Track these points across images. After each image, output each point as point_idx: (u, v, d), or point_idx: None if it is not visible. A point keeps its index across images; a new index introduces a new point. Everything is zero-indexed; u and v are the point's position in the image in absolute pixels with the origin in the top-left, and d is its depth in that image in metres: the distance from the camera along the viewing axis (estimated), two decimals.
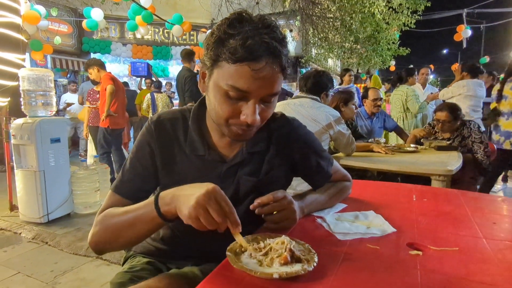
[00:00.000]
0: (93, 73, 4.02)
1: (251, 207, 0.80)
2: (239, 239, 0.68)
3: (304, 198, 0.95)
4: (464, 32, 9.19)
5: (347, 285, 0.60)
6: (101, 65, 4.04)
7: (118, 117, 4.06)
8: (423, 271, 0.64)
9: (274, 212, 0.82)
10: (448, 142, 2.84)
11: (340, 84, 5.04)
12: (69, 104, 6.18)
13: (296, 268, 0.61)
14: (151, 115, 0.94)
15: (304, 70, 10.49)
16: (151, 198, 0.73)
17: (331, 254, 0.72)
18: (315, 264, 0.63)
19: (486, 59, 13.03)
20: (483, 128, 3.49)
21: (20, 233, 2.84)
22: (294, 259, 0.64)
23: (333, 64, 15.15)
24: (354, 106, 2.83)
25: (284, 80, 0.78)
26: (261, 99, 0.74)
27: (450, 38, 9.80)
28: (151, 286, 0.75)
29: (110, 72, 4.16)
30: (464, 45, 9.87)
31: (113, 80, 3.97)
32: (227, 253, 0.67)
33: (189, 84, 4.15)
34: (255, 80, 0.69)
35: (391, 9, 8.48)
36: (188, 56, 4.40)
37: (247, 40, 0.67)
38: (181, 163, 0.86)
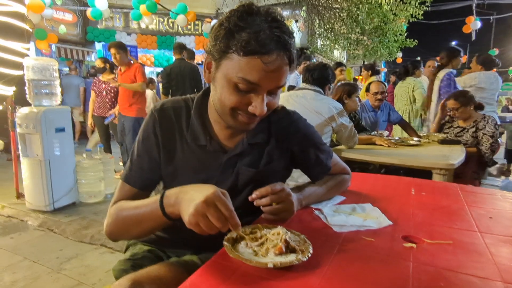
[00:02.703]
0: (119, 56, 3.74)
1: (249, 198, 0.82)
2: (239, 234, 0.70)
3: (303, 190, 0.96)
4: (474, 23, 9.00)
5: (340, 276, 0.61)
6: (127, 53, 3.92)
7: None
8: (415, 263, 0.66)
9: (273, 204, 0.83)
10: (458, 132, 2.87)
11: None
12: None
13: (291, 258, 0.63)
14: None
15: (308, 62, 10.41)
16: (157, 197, 0.75)
17: (326, 245, 0.73)
18: (309, 255, 0.64)
19: (495, 51, 12.80)
20: (500, 122, 3.47)
21: (27, 221, 2.90)
22: (289, 249, 0.66)
23: (339, 55, 15.00)
24: (357, 99, 2.82)
25: (290, 72, 0.79)
26: (268, 91, 0.75)
27: (459, 30, 9.61)
28: (151, 273, 0.78)
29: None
30: (473, 37, 9.68)
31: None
32: (224, 242, 0.68)
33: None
34: (266, 73, 0.71)
35: (398, 0, 8.35)
36: (180, 48, 4.46)
37: (259, 34, 0.68)
38: (182, 151, 0.88)
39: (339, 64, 5.12)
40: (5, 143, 3.74)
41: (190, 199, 0.67)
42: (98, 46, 10.05)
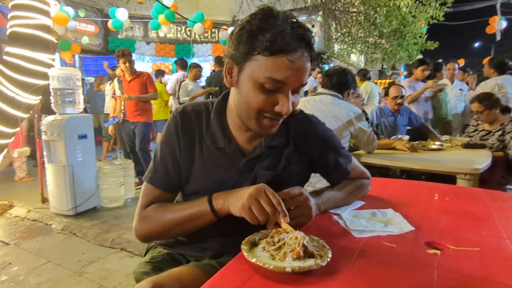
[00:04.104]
0: (130, 65, 3.80)
1: None
2: (287, 227, 0.73)
3: (321, 195, 0.95)
4: (498, 23, 8.70)
5: (361, 281, 0.59)
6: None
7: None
8: (440, 270, 0.63)
9: (291, 208, 0.82)
10: (483, 136, 2.78)
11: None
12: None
13: (309, 262, 0.62)
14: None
15: (326, 66, 10.34)
16: (203, 199, 0.82)
17: (346, 250, 0.72)
18: (328, 260, 0.63)
19: None
20: None
21: (51, 224, 3.00)
22: (307, 254, 0.64)
23: (356, 59, 14.83)
24: (358, 99, 2.75)
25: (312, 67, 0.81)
26: (292, 90, 0.77)
27: (483, 31, 9.31)
28: (172, 276, 0.78)
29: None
30: (498, 38, 9.35)
31: None
32: (242, 246, 0.68)
33: None
34: (292, 71, 0.73)
35: (418, 2, 8.17)
36: (222, 61, 4.73)
37: (283, 33, 0.71)
38: (201, 153, 0.89)
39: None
40: (32, 150, 3.90)
41: (242, 193, 0.75)
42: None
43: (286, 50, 0.71)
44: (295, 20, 0.74)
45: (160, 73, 6.94)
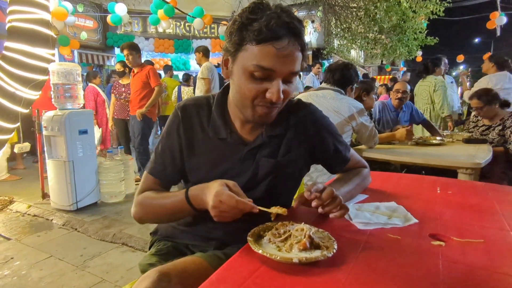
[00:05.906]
0: (132, 57, 3.69)
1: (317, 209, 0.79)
2: (275, 210, 0.75)
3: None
4: (499, 19, 8.67)
5: (367, 272, 0.60)
6: (140, 54, 3.86)
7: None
8: (445, 261, 0.63)
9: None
10: (483, 131, 2.79)
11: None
12: None
13: (316, 254, 0.62)
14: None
15: (326, 62, 10.31)
16: (183, 194, 0.84)
17: (351, 242, 0.72)
18: (334, 251, 0.63)
19: None
20: None
21: (52, 220, 3.00)
22: (313, 245, 0.65)
23: (356, 55, 14.79)
24: (375, 96, 2.79)
25: (303, 60, 0.82)
26: (283, 78, 0.78)
27: (483, 26, 9.29)
28: (178, 266, 0.79)
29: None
30: (498, 33, 9.33)
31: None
32: (248, 238, 0.68)
33: None
34: (279, 58, 0.75)
35: None
36: None
37: (270, 22, 0.73)
38: (204, 145, 0.91)
39: None
40: (31, 145, 3.89)
41: (208, 202, 0.76)
42: (118, 51, 10.31)
43: (272, 38, 0.73)
44: (285, 9, 0.77)
45: (168, 68, 6.89)
